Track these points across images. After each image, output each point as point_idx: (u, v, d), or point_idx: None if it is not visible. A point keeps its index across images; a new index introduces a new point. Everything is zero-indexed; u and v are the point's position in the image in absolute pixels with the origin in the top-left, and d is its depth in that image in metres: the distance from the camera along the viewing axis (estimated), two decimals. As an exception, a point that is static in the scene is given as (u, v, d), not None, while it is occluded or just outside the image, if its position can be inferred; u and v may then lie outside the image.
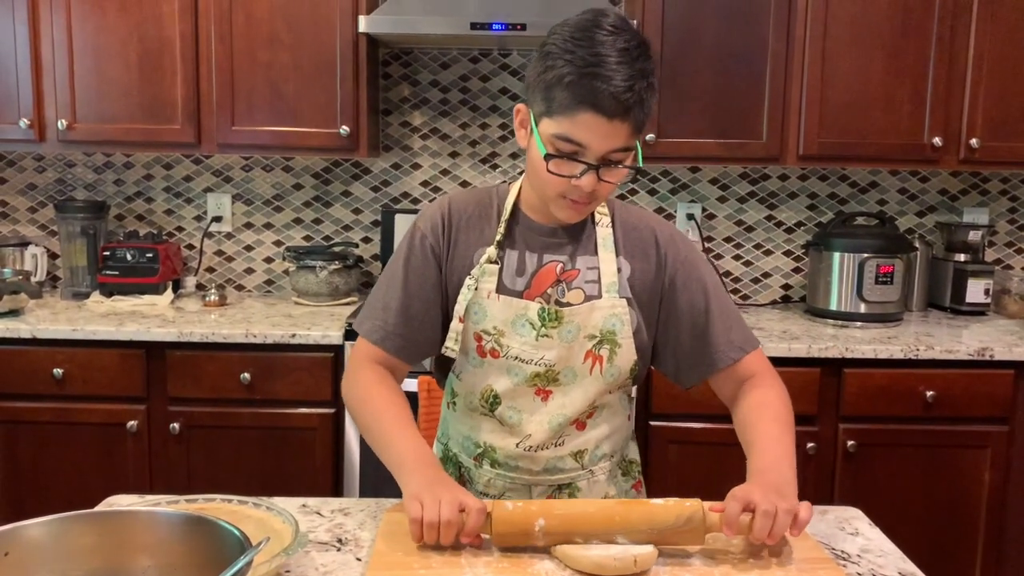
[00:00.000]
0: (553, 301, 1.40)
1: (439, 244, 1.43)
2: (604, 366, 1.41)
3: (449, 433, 1.54)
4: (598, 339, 1.41)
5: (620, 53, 1.24)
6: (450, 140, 3.14)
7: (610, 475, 1.50)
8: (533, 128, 1.32)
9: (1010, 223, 3.19)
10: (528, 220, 1.44)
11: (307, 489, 2.52)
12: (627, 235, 1.46)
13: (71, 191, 3.18)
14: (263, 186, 3.17)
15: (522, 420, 1.42)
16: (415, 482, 1.23)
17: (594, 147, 1.27)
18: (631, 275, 1.44)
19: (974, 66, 2.74)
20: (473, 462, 1.48)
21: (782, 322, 2.85)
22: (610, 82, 1.22)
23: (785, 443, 1.31)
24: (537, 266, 1.42)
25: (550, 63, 1.27)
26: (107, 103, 2.77)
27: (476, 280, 1.40)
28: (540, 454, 1.43)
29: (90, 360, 2.57)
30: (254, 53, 2.75)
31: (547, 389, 1.41)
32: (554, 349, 1.39)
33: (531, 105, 1.33)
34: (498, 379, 1.42)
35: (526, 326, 1.39)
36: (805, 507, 1.18)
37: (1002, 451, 2.56)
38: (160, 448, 2.60)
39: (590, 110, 1.24)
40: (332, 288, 2.95)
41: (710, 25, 2.73)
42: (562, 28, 1.29)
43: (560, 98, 1.25)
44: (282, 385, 2.57)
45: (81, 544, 0.95)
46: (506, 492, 1.47)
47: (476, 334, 1.41)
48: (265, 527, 1.18)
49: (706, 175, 3.15)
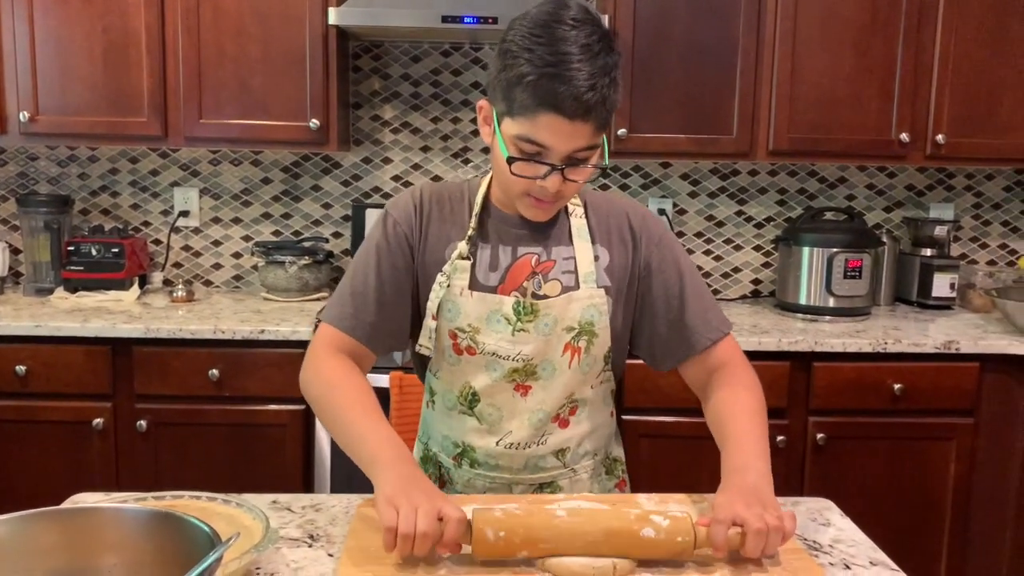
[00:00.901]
0: (530, 294, 1.38)
1: (412, 232, 1.40)
2: (582, 356, 1.39)
3: (429, 433, 1.51)
4: (577, 331, 1.38)
5: (582, 50, 1.20)
6: (421, 134, 3.12)
7: (593, 473, 1.48)
8: (496, 127, 1.30)
9: (975, 219, 3.24)
10: (500, 213, 1.42)
11: (277, 487, 2.49)
12: (601, 222, 1.43)
13: (34, 185, 3.12)
14: (231, 180, 3.13)
15: (502, 417, 1.40)
16: (390, 482, 1.16)
17: (557, 148, 1.24)
18: (609, 263, 1.42)
19: (940, 63, 2.78)
20: (453, 462, 1.45)
21: (752, 316, 2.88)
22: (571, 83, 1.19)
23: (759, 437, 1.30)
24: (512, 259, 1.39)
25: (510, 61, 1.23)
26: (71, 95, 2.72)
27: (448, 277, 1.37)
28: (521, 452, 1.41)
29: (54, 357, 2.52)
30: (222, 45, 2.71)
31: (526, 384, 1.39)
32: (531, 343, 1.36)
33: (493, 103, 1.30)
34: (476, 376, 1.39)
35: (501, 321, 1.36)
36: (789, 518, 1.15)
37: (967, 443, 2.61)
38: (127, 446, 2.56)
39: (551, 111, 1.20)
40: (302, 283, 2.92)
41: (682, 21, 2.74)
42: (522, 23, 1.25)
43: (521, 99, 1.22)
44: (251, 382, 2.54)
45: (45, 542, 0.93)
46: (486, 492, 1.43)
47: (451, 332, 1.38)
48: (235, 524, 1.16)
49: (677, 170, 3.16)
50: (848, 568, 1.19)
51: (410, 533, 1.08)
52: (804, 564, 1.16)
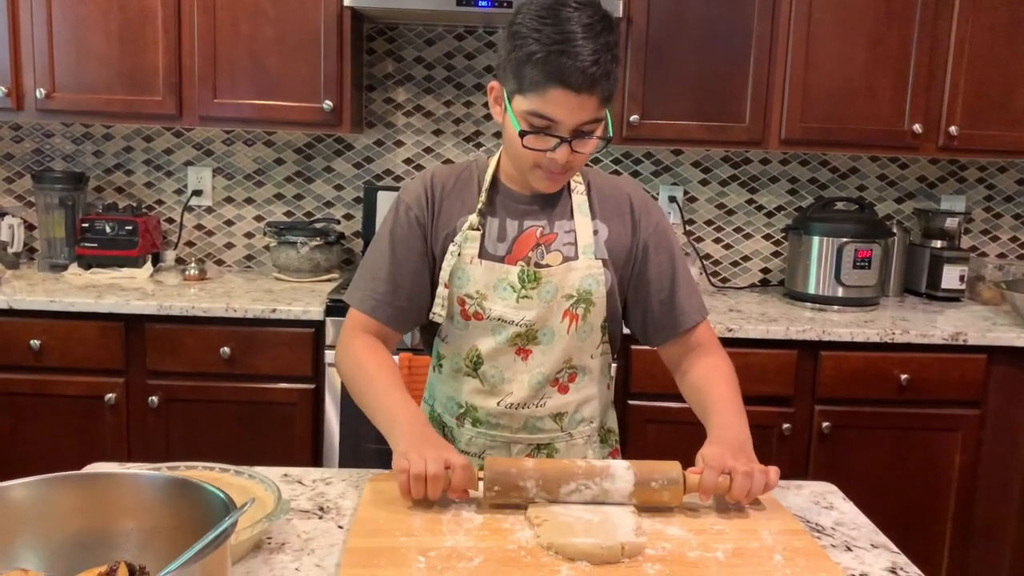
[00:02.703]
0: (533, 263, 1.47)
1: (424, 215, 1.49)
2: (579, 323, 1.48)
3: (434, 395, 1.59)
4: (575, 299, 1.47)
5: (585, 29, 1.30)
6: (434, 118, 3.13)
7: (588, 439, 1.56)
8: (507, 105, 1.38)
9: (986, 211, 3.23)
10: (508, 190, 1.50)
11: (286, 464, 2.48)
12: (603, 200, 1.53)
13: (49, 162, 3.14)
14: (244, 160, 3.15)
15: (503, 379, 1.48)
16: (404, 440, 1.27)
17: (565, 121, 1.33)
18: (608, 237, 1.51)
19: (955, 54, 2.77)
20: (456, 421, 1.54)
21: (761, 305, 2.88)
22: (577, 58, 1.28)
23: (738, 402, 1.42)
24: (518, 232, 1.48)
25: (519, 42, 1.32)
26: (87, 73, 2.74)
27: (459, 247, 1.46)
28: (520, 412, 1.49)
29: (68, 332, 2.55)
30: (237, 25, 2.72)
31: (527, 348, 1.47)
32: (534, 309, 1.45)
33: (503, 83, 1.39)
34: (482, 340, 1.48)
35: (507, 289, 1.45)
36: (773, 471, 1.27)
37: (973, 434, 2.61)
38: (139, 421, 2.59)
39: (559, 86, 1.30)
40: (313, 264, 2.94)
41: (696, 7, 2.74)
42: (529, 7, 1.34)
43: (530, 76, 1.31)
44: (262, 360, 2.56)
45: (64, 506, 0.95)
46: (486, 451, 1.52)
47: (460, 298, 1.47)
48: (247, 494, 1.18)
49: (688, 158, 3.16)
50: (850, 550, 1.21)
51: (421, 474, 1.20)
52: (806, 546, 1.18)
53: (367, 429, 1.66)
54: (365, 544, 1.13)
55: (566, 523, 1.17)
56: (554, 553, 1.12)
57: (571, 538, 1.13)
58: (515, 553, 1.12)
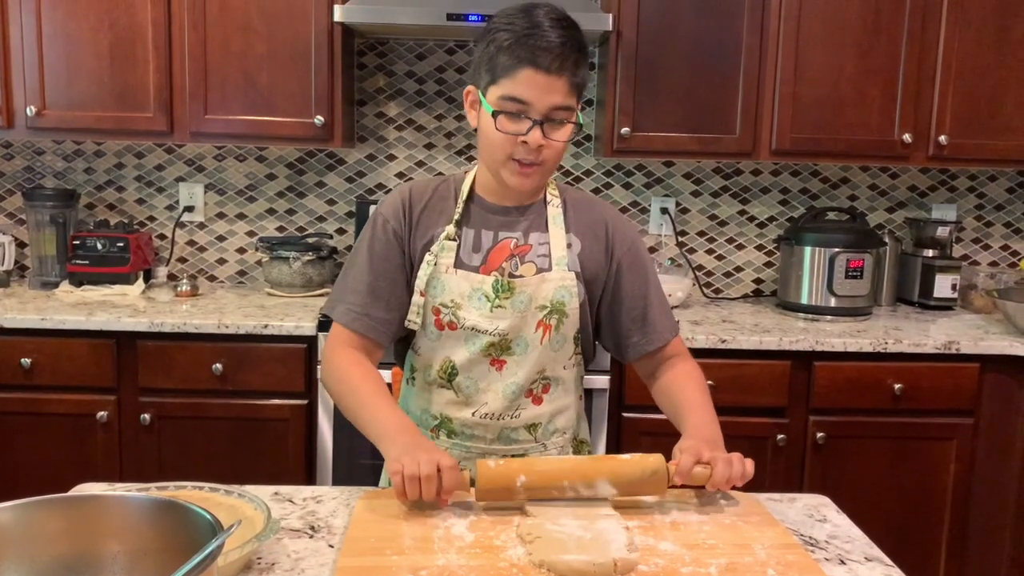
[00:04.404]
0: (507, 274, 1.49)
1: (401, 227, 1.52)
2: (552, 334, 1.50)
3: (408, 407, 1.59)
4: (548, 309, 1.49)
5: (553, 22, 1.39)
6: (425, 131, 3.13)
7: (562, 451, 1.58)
8: (482, 100, 1.43)
9: (977, 219, 3.24)
10: (484, 201, 1.53)
11: (280, 481, 2.49)
12: (578, 215, 1.56)
13: (40, 179, 3.14)
14: (236, 176, 3.15)
15: (478, 390, 1.50)
16: (396, 447, 1.30)
17: (537, 103, 1.38)
18: (581, 251, 1.53)
19: (943, 64, 2.78)
20: (431, 433, 1.55)
21: (753, 315, 2.88)
22: (545, 39, 1.36)
23: (710, 406, 1.48)
24: (493, 243, 1.51)
25: (491, 37, 1.41)
26: (77, 90, 2.74)
27: (435, 256, 1.49)
28: (495, 423, 1.51)
29: (59, 350, 2.54)
30: (228, 41, 2.72)
31: (501, 359, 1.49)
32: (507, 319, 1.47)
33: (477, 82, 1.45)
34: (455, 350, 1.50)
35: (482, 299, 1.48)
36: (750, 462, 1.33)
37: (967, 443, 2.61)
38: (131, 439, 2.58)
39: (529, 66, 1.37)
40: (306, 279, 2.94)
41: (685, 20, 2.75)
42: (501, 13, 1.43)
43: (502, 62, 1.38)
44: (255, 376, 2.55)
45: (49, 529, 0.94)
46: (462, 461, 1.52)
47: (435, 307, 1.49)
48: (237, 514, 1.18)
49: (680, 169, 3.17)
50: (843, 563, 1.20)
51: (415, 475, 1.22)
52: (799, 559, 1.17)
53: (361, 444, 1.66)
54: (356, 563, 1.12)
55: (558, 540, 1.17)
56: (546, 571, 1.11)
57: (563, 555, 1.12)
58: (507, 571, 1.12)
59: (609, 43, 2.77)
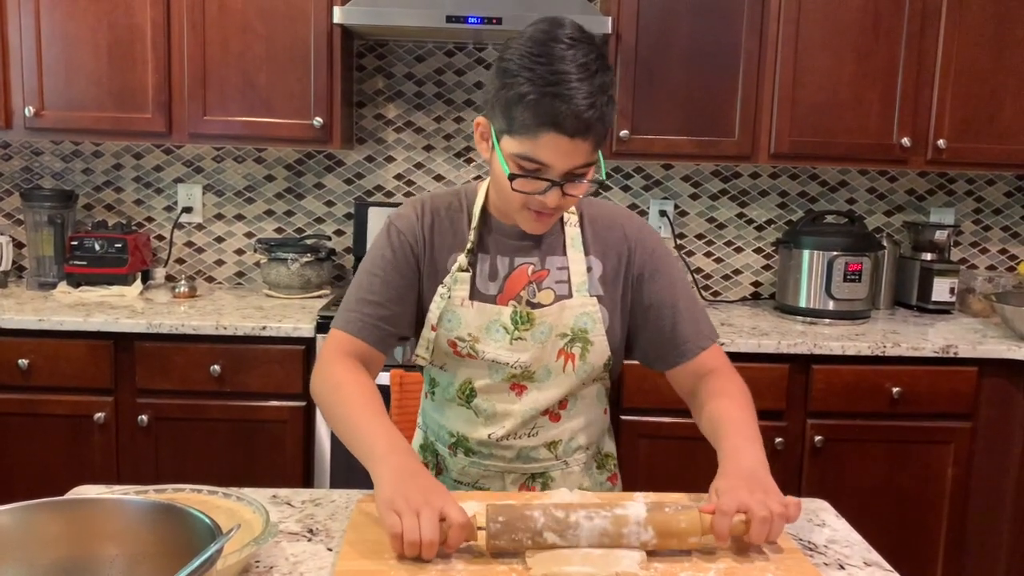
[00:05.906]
0: (524, 302, 1.42)
1: (416, 242, 1.45)
2: (577, 363, 1.43)
3: (427, 422, 1.56)
4: (570, 337, 1.43)
5: (580, 69, 1.23)
6: (424, 133, 3.13)
7: (585, 467, 1.52)
8: (495, 143, 1.32)
9: (975, 223, 3.24)
10: (498, 224, 1.45)
11: (278, 483, 2.50)
12: (596, 233, 1.47)
13: (38, 179, 3.13)
14: (234, 177, 3.14)
15: (496, 412, 1.45)
16: (386, 477, 1.18)
17: (557, 166, 1.27)
18: (603, 273, 1.46)
19: (942, 68, 2.78)
20: (448, 451, 1.51)
21: (752, 319, 2.88)
22: (571, 101, 1.21)
23: (750, 425, 1.33)
24: (509, 270, 1.44)
25: (509, 80, 1.25)
26: (76, 90, 2.73)
27: (449, 288, 1.42)
28: (512, 443, 1.46)
29: (56, 351, 2.53)
30: (227, 43, 2.72)
31: (522, 384, 1.44)
32: (528, 351, 1.41)
33: (492, 120, 1.32)
34: (477, 376, 1.45)
35: (500, 331, 1.41)
36: (794, 505, 1.19)
37: (965, 447, 2.61)
38: (128, 440, 2.57)
39: (552, 130, 1.23)
40: (304, 281, 2.93)
41: (685, 23, 2.75)
42: (519, 43, 1.27)
43: (521, 118, 1.24)
44: (252, 378, 2.55)
45: (47, 532, 0.94)
46: (480, 480, 1.49)
47: (450, 341, 1.43)
48: (235, 517, 1.17)
49: (679, 172, 3.17)
50: (842, 568, 1.20)
51: (416, 541, 1.09)
52: (798, 564, 1.17)
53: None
54: (354, 567, 1.12)
55: (563, 553, 1.14)
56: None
57: (564, 567, 1.11)
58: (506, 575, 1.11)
59: (608, 46, 2.77)
